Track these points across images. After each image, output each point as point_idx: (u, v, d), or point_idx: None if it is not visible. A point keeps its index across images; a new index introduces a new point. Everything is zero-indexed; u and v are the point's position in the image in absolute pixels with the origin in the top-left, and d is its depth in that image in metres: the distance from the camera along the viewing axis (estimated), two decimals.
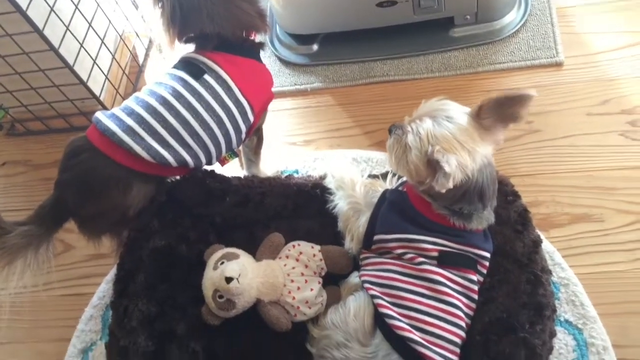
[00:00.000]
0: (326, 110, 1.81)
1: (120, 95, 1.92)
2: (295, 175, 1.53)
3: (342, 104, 1.81)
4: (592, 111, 1.63)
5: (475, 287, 1.13)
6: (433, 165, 1.06)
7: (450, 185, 1.02)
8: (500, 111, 1.09)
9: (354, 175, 1.34)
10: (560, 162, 1.56)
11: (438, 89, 1.76)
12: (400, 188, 1.26)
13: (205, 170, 1.39)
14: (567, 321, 1.30)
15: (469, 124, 1.09)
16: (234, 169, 1.57)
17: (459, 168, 1.04)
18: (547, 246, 1.40)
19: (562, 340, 1.28)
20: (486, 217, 1.16)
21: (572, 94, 1.68)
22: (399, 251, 1.15)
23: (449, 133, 1.08)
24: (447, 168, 1.02)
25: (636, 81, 1.66)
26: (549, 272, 1.21)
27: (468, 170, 1.05)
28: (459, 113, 1.11)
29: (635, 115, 1.60)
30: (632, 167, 1.52)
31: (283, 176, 1.46)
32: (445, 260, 1.12)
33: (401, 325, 1.07)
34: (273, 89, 1.44)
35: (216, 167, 1.42)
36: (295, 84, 1.87)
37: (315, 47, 1.92)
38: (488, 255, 1.16)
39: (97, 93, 1.77)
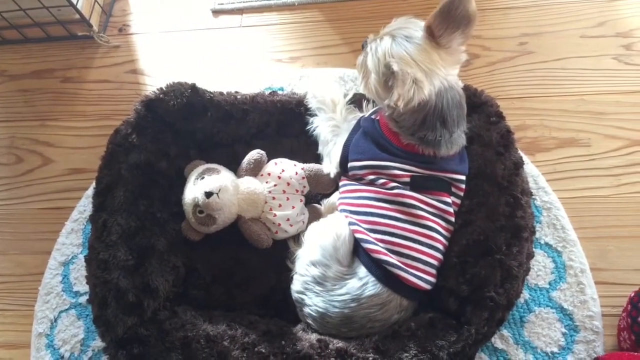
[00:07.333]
0: (314, 26, 1.74)
1: (98, 4, 1.83)
2: (280, 92, 1.49)
3: (331, 20, 1.74)
4: (587, 33, 1.59)
5: (451, 209, 1.13)
6: (388, 87, 1.06)
7: (401, 103, 1.00)
8: (449, 19, 1.05)
9: (335, 95, 1.30)
10: (552, 85, 1.52)
11: (430, 6, 1.65)
12: (373, 116, 1.23)
13: (187, 84, 1.34)
14: (547, 244, 1.31)
15: (426, 44, 1.06)
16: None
17: (414, 84, 1.01)
18: (532, 170, 1.39)
19: (541, 263, 1.29)
20: (455, 141, 1.13)
21: (568, 14, 1.62)
22: (371, 177, 1.14)
23: (406, 53, 1.05)
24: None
25: (635, 2, 1.60)
26: (530, 194, 1.20)
27: (425, 89, 1.02)
28: (420, 32, 1.08)
29: (630, 39, 1.56)
30: (623, 92, 1.49)
31: (267, 93, 1.42)
32: (417, 184, 1.11)
33: (377, 248, 1.07)
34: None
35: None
36: None
37: None
38: (463, 177, 1.15)
39: (73, 1, 1.69)
